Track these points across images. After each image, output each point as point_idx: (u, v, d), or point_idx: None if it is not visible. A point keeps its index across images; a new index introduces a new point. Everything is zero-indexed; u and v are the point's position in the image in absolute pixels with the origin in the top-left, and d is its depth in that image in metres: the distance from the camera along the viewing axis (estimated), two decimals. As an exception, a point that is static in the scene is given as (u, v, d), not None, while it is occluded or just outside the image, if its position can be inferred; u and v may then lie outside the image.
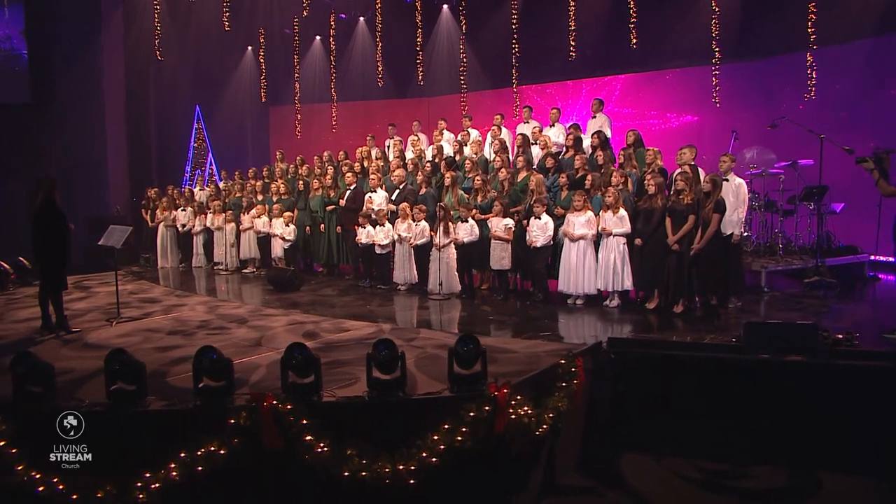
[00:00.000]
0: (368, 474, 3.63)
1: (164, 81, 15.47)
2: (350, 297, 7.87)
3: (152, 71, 15.18)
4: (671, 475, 4.59)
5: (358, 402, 3.84)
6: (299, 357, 3.76)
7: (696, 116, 10.98)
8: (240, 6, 13.99)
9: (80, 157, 14.83)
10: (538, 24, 11.79)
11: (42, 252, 5.88)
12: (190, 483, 3.60)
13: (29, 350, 3.95)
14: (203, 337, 5.81)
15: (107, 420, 3.82)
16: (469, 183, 8.42)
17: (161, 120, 15.84)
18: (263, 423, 3.60)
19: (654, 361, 5.01)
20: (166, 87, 15.55)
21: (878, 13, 8.15)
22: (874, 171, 5.37)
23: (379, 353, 3.81)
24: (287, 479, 3.70)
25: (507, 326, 6.20)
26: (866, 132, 8.29)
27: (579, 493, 4.42)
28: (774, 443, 4.65)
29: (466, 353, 3.88)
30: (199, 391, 3.82)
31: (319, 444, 3.62)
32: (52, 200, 5.88)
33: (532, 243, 7.12)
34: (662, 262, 6.45)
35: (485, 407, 3.74)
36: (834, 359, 4.60)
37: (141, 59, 14.72)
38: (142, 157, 15.56)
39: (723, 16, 9.50)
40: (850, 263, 7.97)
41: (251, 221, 10.04)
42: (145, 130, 15.62)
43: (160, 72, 15.29)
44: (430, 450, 3.67)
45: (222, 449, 3.58)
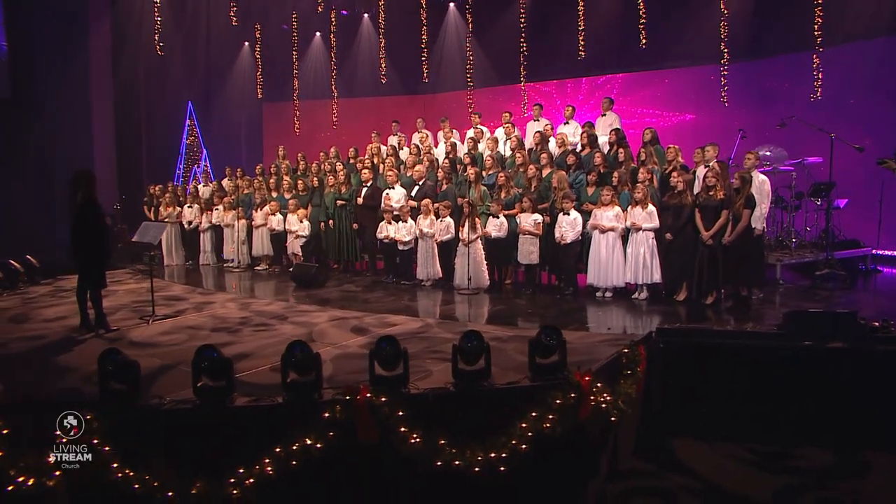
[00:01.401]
0: (461, 463, 3.73)
1: (155, 77, 15.15)
2: (377, 292, 7.92)
3: (142, 66, 14.86)
4: (725, 457, 4.80)
5: (446, 392, 3.93)
6: (388, 349, 3.83)
7: (697, 115, 11.29)
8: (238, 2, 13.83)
9: (64, 154, 14.46)
10: (542, 22, 11.94)
11: (83, 249, 5.78)
12: (284, 478, 3.64)
13: (115, 347, 3.92)
14: (249, 334, 5.80)
15: (193, 417, 3.83)
16: (490, 179, 8.56)
17: (151, 116, 15.51)
18: (359, 415, 3.67)
19: (701, 350, 5.21)
20: (157, 83, 15.24)
21: (886, 15, 8.53)
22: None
23: (466, 344, 3.90)
24: (381, 472, 3.76)
25: (547, 319, 6.32)
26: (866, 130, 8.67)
27: (642, 477, 4.59)
28: (820, 425, 4.90)
29: (548, 344, 4.00)
30: (287, 386, 3.86)
31: (413, 435, 3.70)
32: (92, 196, 5.78)
33: (562, 239, 7.29)
34: (691, 256, 6.68)
35: (570, 394, 3.87)
36: (874, 345, 4.87)
37: (129, 54, 14.39)
38: (131, 154, 15.24)
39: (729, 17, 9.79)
40: (853, 257, 8.35)
41: (264, 218, 9.97)
42: (135, 126, 15.29)
43: (151, 67, 14.97)
44: (520, 437, 3.78)
45: (319, 443, 3.63)
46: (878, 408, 4.77)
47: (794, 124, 8.48)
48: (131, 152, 15.27)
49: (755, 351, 5.13)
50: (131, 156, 15.29)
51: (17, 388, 4.35)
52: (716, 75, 10.31)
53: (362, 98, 14.32)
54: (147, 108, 15.44)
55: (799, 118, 8.33)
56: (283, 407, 3.82)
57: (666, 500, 4.26)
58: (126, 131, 14.99)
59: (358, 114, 14.29)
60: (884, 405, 4.76)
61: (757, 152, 7.17)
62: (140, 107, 15.35)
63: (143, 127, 15.55)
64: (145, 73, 15.01)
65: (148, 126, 15.56)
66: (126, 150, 15.05)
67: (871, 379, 4.80)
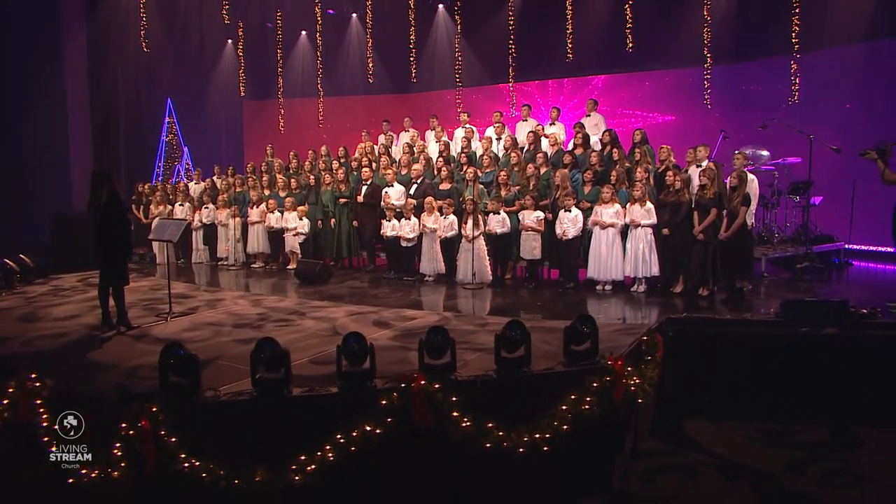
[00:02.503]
0: (509, 445, 4.00)
1: (133, 73, 14.88)
2: (383, 288, 8.11)
3: (119, 61, 14.58)
4: (733, 436, 5.21)
5: (491, 379, 4.19)
6: (438, 339, 4.07)
7: (677, 116, 11.81)
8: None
9: (36, 151, 14.11)
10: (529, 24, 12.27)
11: (108, 248, 5.81)
12: (344, 463, 3.85)
13: (177, 341, 4.04)
14: (274, 329, 5.93)
15: (252, 408, 3.99)
16: (487, 178, 8.84)
17: (129, 112, 15.24)
18: (415, 402, 3.90)
19: (707, 337, 5.62)
20: (135, 79, 14.97)
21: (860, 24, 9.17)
22: (878, 161, 6.08)
23: (510, 333, 4.18)
24: (434, 455, 4.00)
25: (555, 311, 6.65)
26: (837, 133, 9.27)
27: (661, 455, 4.95)
28: (815, 404, 5.35)
29: (583, 332, 4.31)
30: (341, 375, 4.06)
31: (464, 419, 3.95)
32: (116, 194, 5.82)
33: (563, 235, 7.62)
34: (688, 251, 7.10)
35: (605, 378, 4.19)
36: (864, 330, 5.35)
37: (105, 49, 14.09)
38: (108, 151, 14.93)
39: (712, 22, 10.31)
40: (828, 251, 8.94)
41: (260, 216, 10.02)
42: (113, 123, 15.00)
43: (128, 62, 14.70)
44: (562, 419, 4.08)
45: (378, 429, 3.84)
46: (868, 387, 5.24)
47: (772, 125, 9.03)
48: (109, 149, 14.97)
49: (756, 338, 5.56)
50: (109, 153, 14.98)
51: (63, 385, 4.42)
52: (695, 77, 10.82)
53: (347, 96, 14.41)
54: (125, 105, 15.16)
55: (780, 120, 8.88)
56: (338, 396, 4.03)
57: (687, 474, 4.62)
58: (103, 128, 14.69)
59: (343, 112, 14.37)
60: (872, 384, 5.23)
61: (745, 152, 7.63)
62: (118, 103, 15.07)
63: (121, 123, 15.27)
64: (123, 68, 14.75)
65: (126, 122, 15.28)
66: (103, 146, 14.75)
67: (862, 361, 5.27)
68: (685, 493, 4.39)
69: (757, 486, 4.42)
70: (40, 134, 14.02)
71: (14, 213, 14.14)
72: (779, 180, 8.87)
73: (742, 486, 4.44)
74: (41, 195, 13.83)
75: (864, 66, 9.44)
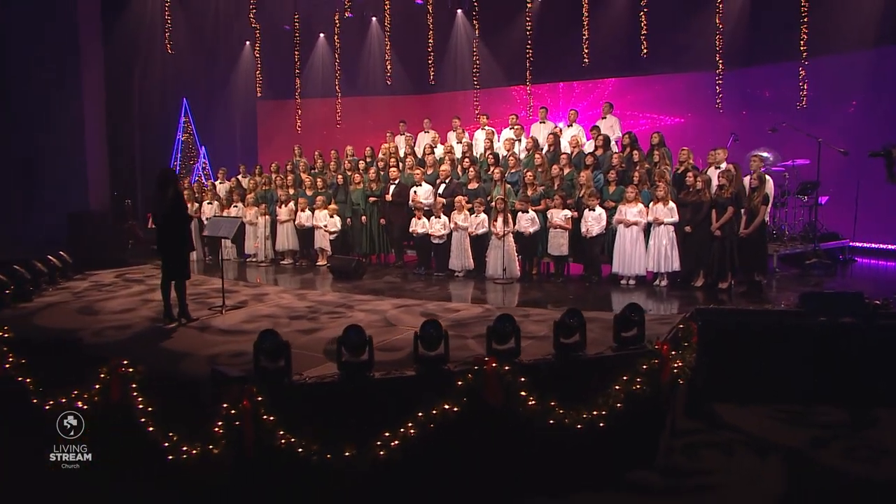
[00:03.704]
0: (570, 421, 4.42)
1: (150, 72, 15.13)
2: (417, 283, 8.51)
3: (135, 62, 14.83)
4: (759, 417, 5.66)
5: (550, 362, 4.61)
6: (505, 327, 4.49)
7: (686, 118, 12.29)
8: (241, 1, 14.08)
9: (53, 151, 14.36)
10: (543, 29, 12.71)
11: (172, 245, 6.16)
12: (424, 439, 4.25)
13: (272, 329, 4.42)
14: (329, 320, 6.31)
15: (338, 389, 4.38)
16: (512, 177, 9.26)
17: (145, 111, 15.48)
18: (488, 382, 4.31)
19: (733, 327, 6.07)
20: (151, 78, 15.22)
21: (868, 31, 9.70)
22: (890, 159, 6.55)
23: (568, 320, 4.60)
24: (503, 430, 4.41)
25: (586, 303, 7.07)
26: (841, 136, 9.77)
27: (697, 433, 5.39)
28: (834, 388, 5.82)
29: (632, 320, 4.74)
30: (418, 359, 4.46)
31: (530, 398, 4.37)
32: (179, 194, 6.17)
33: (588, 232, 8.06)
34: (709, 247, 7.56)
35: (654, 360, 4.62)
36: (878, 319, 5.82)
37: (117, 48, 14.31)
38: (124, 151, 15.21)
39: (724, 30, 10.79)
40: (833, 248, 9.45)
41: (289, 214, 10.37)
42: (128, 123, 15.25)
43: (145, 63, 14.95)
44: (616, 397, 4.51)
45: (455, 407, 4.25)
46: (882, 372, 5.72)
47: (781, 128, 9.52)
48: (124, 149, 15.25)
49: (779, 327, 6.02)
50: (125, 153, 15.26)
51: (152, 371, 4.79)
52: (705, 81, 11.32)
53: (363, 97, 14.77)
54: (140, 104, 15.41)
55: (789, 124, 9.37)
56: (415, 378, 4.43)
57: (723, 450, 5.07)
58: (119, 126, 14.94)
59: (359, 112, 14.74)
60: (887, 370, 5.71)
61: (761, 155, 8.11)
62: (133, 102, 15.32)
63: (136, 123, 15.51)
64: (140, 69, 14.99)
65: (141, 122, 15.53)
66: (118, 146, 15.02)
67: (877, 348, 5.75)
68: (724, 466, 4.83)
69: (788, 460, 4.88)
70: (57, 134, 14.30)
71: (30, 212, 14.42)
72: (788, 181, 9.35)
73: (774, 460, 4.89)
74: (57, 195, 14.13)
75: (869, 72, 9.96)
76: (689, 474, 4.75)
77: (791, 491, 4.49)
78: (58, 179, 14.30)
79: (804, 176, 9.44)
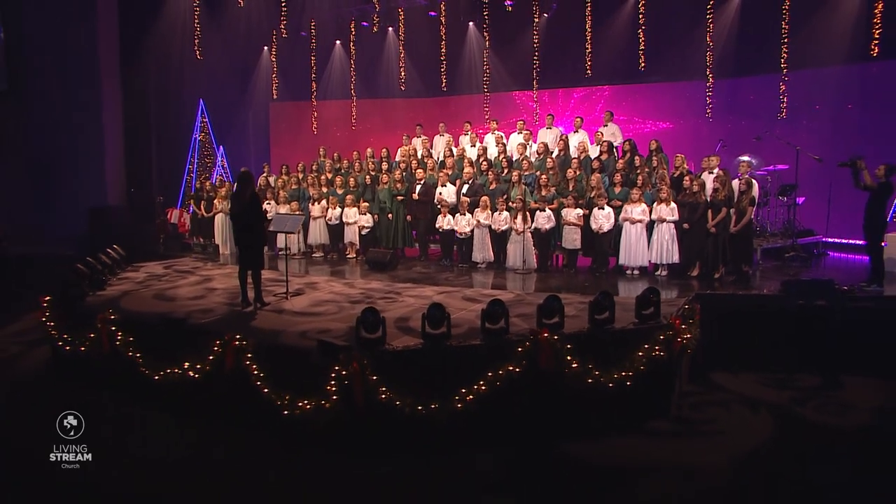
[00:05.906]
0: (605, 380, 5.55)
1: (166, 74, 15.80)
2: (446, 273, 9.58)
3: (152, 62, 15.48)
4: (748, 382, 6.88)
5: (587, 333, 5.74)
6: (554, 304, 5.59)
7: (675, 125, 13.50)
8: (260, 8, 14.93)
9: (72, 148, 15.07)
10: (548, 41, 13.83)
11: (250, 238, 7.11)
12: (492, 395, 5.34)
13: (372, 307, 5.46)
14: (385, 304, 7.32)
15: (422, 355, 5.45)
16: (527, 179, 10.36)
17: (160, 112, 16.14)
18: (542, 349, 5.41)
19: (726, 308, 7.27)
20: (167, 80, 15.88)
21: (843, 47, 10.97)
22: (855, 169, 7.76)
23: (599, 301, 5.72)
24: (552, 390, 5.51)
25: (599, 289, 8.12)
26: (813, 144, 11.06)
27: (698, 395, 6.58)
28: (809, 358, 7.04)
29: (651, 300, 5.89)
30: (485, 330, 5.55)
31: (574, 362, 5.49)
32: (256, 193, 7.12)
33: (599, 229, 9.21)
34: (704, 242, 8.75)
35: (669, 332, 5.78)
36: (847, 303, 7.06)
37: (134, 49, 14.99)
38: (141, 148, 15.89)
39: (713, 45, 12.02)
40: (809, 243, 10.73)
41: (321, 211, 11.33)
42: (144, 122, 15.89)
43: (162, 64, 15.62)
44: (640, 361, 5.65)
45: (517, 369, 5.35)
46: (849, 345, 6.95)
47: (764, 137, 10.77)
48: (141, 147, 15.93)
49: (764, 309, 7.24)
50: (142, 150, 15.95)
51: (261, 343, 5.80)
52: (693, 90, 12.56)
53: (376, 99, 15.73)
54: (156, 104, 16.08)
55: (770, 132, 10.63)
56: (483, 347, 5.52)
57: (721, 406, 6.26)
58: (136, 125, 15.62)
59: (373, 115, 15.71)
60: (852, 343, 6.94)
61: (749, 160, 9.33)
62: (150, 102, 15.97)
63: (153, 122, 16.17)
64: (156, 69, 15.62)
65: (157, 121, 16.20)
66: (135, 144, 15.71)
67: (845, 325, 6.98)
68: (723, 417, 6.03)
69: (774, 413, 6.09)
70: (75, 131, 15.02)
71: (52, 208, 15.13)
72: (770, 183, 10.61)
73: (763, 413, 6.10)
74: (75, 190, 14.86)
75: (840, 86, 11.26)
76: (696, 423, 5.93)
77: (777, 435, 5.69)
78: (78, 177, 15.03)
79: (784, 179, 10.69)
